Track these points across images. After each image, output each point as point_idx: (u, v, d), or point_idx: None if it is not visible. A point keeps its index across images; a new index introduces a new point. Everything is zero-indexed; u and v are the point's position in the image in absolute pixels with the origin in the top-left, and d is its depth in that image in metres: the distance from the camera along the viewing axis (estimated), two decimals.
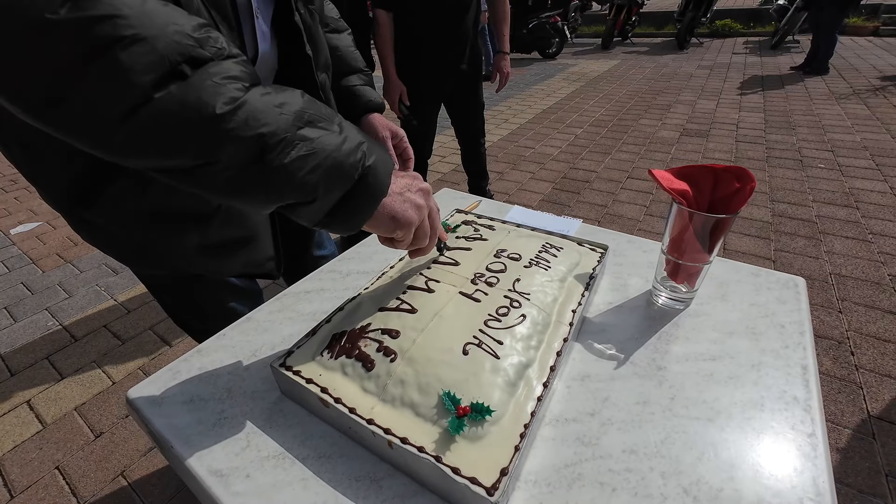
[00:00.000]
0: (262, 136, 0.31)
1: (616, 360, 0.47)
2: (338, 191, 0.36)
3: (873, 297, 1.54)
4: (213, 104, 0.29)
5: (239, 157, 0.31)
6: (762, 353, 0.47)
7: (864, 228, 1.95)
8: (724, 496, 0.34)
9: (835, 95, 3.91)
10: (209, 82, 0.30)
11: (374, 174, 0.37)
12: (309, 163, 0.33)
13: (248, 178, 0.32)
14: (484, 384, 0.38)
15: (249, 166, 0.32)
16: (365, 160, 0.37)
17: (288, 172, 0.33)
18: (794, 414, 0.40)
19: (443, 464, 0.33)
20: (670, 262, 0.52)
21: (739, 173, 0.46)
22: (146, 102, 0.28)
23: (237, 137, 0.30)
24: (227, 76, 0.31)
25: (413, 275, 0.52)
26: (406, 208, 0.41)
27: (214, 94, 0.30)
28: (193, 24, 0.30)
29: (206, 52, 0.30)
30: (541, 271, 0.52)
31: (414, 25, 1.54)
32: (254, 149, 0.31)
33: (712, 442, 0.38)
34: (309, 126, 0.34)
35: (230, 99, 0.30)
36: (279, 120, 0.32)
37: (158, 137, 0.29)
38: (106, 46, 0.26)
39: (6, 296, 1.85)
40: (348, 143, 0.36)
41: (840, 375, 1.25)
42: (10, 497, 1.08)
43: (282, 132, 0.32)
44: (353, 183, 0.36)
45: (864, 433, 1.09)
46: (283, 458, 0.38)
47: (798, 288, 0.56)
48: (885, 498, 0.95)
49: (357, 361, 0.41)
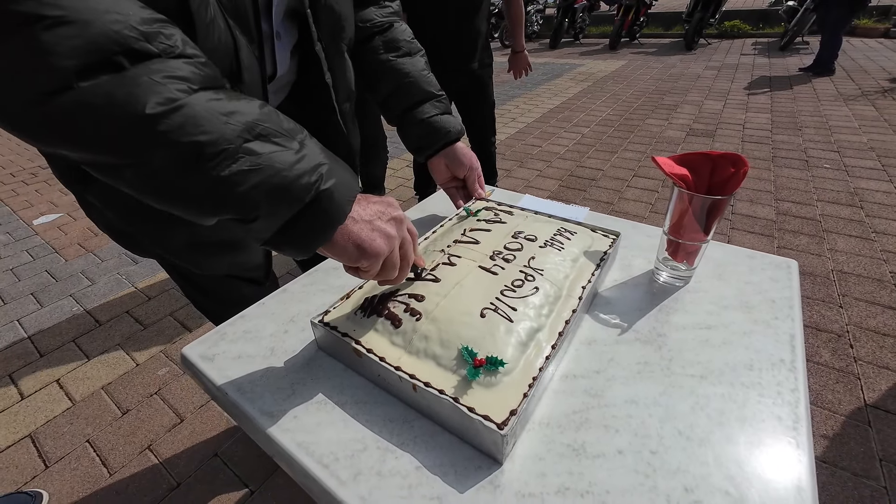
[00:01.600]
0: (198, 144, 0.29)
1: (620, 328, 0.52)
2: (284, 212, 0.34)
3: (874, 293, 1.57)
4: (144, 103, 0.28)
5: (171, 162, 0.29)
6: (754, 322, 0.51)
7: (867, 227, 1.97)
8: (713, 438, 0.39)
9: (843, 97, 3.91)
10: (146, 79, 0.28)
11: (330, 198, 0.35)
12: (251, 178, 0.31)
13: (182, 186, 0.31)
14: (498, 342, 0.43)
15: (184, 174, 0.30)
16: (321, 183, 0.35)
17: (227, 185, 0.31)
18: (780, 372, 0.45)
19: (460, 404, 0.38)
20: (671, 242, 0.56)
21: (734, 159, 0.51)
22: (67, 89, 0.26)
23: (169, 142, 0.29)
24: (171, 75, 0.29)
25: (437, 251, 0.57)
26: (374, 237, 0.39)
27: (148, 92, 0.28)
28: (143, 17, 0.29)
29: (151, 46, 0.29)
30: (554, 251, 0.57)
31: (427, 26, 1.59)
32: (188, 156, 0.29)
33: (705, 394, 0.43)
34: (260, 140, 0.32)
35: (166, 100, 0.28)
36: (223, 129, 0.30)
37: (79, 128, 0.28)
38: (24, 23, 0.25)
39: (32, 283, 1.93)
40: (304, 163, 0.34)
41: (838, 367, 1.29)
42: (46, 467, 1.15)
43: (224, 142, 0.30)
44: (303, 205, 0.34)
45: (859, 421, 1.13)
46: (324, 404, 0.43)
47: (790, 269, 0.61)
48: (878, 480, 0.99)
49: (386, 320, 0.46)
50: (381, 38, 0.69)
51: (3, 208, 2.64)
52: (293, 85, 0.62)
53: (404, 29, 0.72)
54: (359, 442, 0.40)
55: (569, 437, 0.39)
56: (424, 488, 0.36)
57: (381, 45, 0.68)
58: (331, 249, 0.38)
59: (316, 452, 0.39)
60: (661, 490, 0.35)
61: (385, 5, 0.69)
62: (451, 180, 0.74)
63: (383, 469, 0.37)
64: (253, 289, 0.73)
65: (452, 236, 0.61)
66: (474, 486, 0.35)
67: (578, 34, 8.41)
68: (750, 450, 0.37)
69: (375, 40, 0.68)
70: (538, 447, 0.38)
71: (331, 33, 0.57)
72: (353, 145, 0.69)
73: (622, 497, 0.34)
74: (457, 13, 1.60)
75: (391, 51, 0.69)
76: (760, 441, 0.38)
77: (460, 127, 0.72)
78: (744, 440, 0.38)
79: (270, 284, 0.75)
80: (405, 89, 0.69)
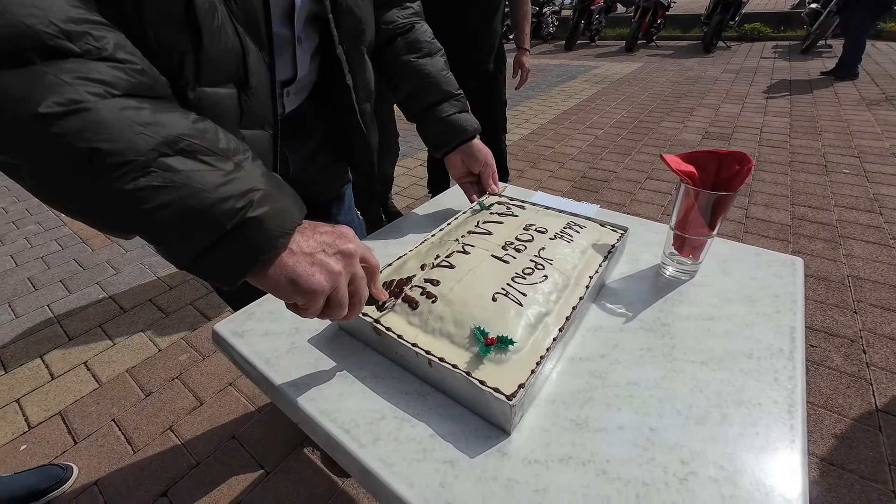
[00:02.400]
0: (97, 152, 0.27)
1: (625, 317, 0.54)
2: (199, 238, 0.31)
3: (890, 300, 1.55)
4: (39, 101, 0.26)
5: (64, 167, 0.27)
6: (756, 315, 0.53)
7: (886, 233, 1.94)
8: (710, 418, 0.41)
9: (865, 101, 3.83)
10: (52, 77, 0.26)
11: (258, 228, 0.32)
12: (160, 196, 0.29)
13: (79, 194, 0.28)
14: (509, 323, 0.46)
15: (80, 181, 0.28)
16: (248, 210, 0.31)
17: (130, 200, 0.28)
18: (778, 361, 0.46)
19: (472, 377, 0.41)
20: (678, 237, 0.59)
21: (740, 157, 0.53)
22: None
23: (62, 144, 0.26)
24: (86, 77, 0.27)
25: (452, 241, 0.60)
26: (312, 272, 0.34)
27: (48, 91, 0.26)
28: (70, 15, 0.28)
29: (72, 45, 0.28)
30: (564, 243, 0.60)
31: (447, 27, 1.63)
32: (82, 163, 0.27)
33: (705, 379, 0.45)
34: (182, 156, 0.30)
35: (68, 100, 0.26)
36: (134, 139, 0.28)
37: None
38: None
39: (61, 270, 2.02)
40: (232, 186, 0.31)
41: (850, 372, 1.28)
42: (74, 443, 1.22)
43: (131, 154, 0.28)
44: (224, 232, 0.31)
45: (870, 425, 1.12)
46: (345, 377, 0.47)
47: (795, 266, 0.62)
48: (887, 484, 0.99)
49: (404, 302, 0.49)
50: (403, 40, 0.71)
51: (34, 200, 2.76)
52: (314, 86, 0.64)
53: (425, 29, 0.74)
54: (377, 412, 0.43)
55: (573, 413, 0.42)
56: (438, 453, 0.39)
57: (402, 46, 0.71)
58: (261, 282, 0.34)
59: (338, 419, 0.42)
60: (658, 461, 0.37)
61: (406, 6, 0.72)
62: (466, 175, 0.77)
63: (400, 435, 0.40)
64: None
65: (466, 227, 0.64)
66: (484, 453, 0.38)
67: (594, 36, 8.36)
68: (745, 429, 0.39)
69: (398, 42, 0.71)
70: (544, 421, 0.41)
71: (351, 36, 0.59)
72: (371, 144, 0.72)
73: (621, 466, 0.37)
74: (476, 16, 1.63)
75: (412, 52, 0.71)
76: (756, 422, 0.40)
77: (477, 125, 0.75)
78: (739, 421, 0.40)
79: None
80: (425, 89, 0.72)
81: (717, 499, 0.34)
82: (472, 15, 1.62)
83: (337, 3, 0.54)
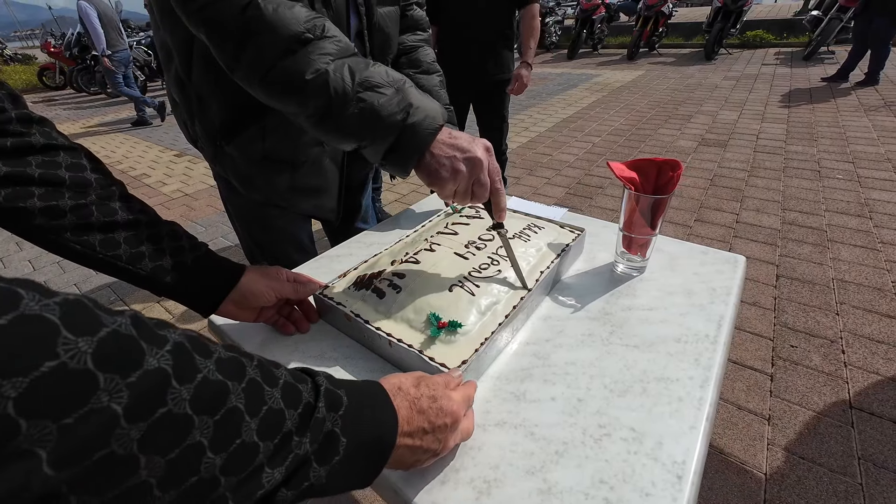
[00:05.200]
0: (329, 98, 0.46)
1: (574, 307, 0.60)
2: (381, 140, 0.46)
3: (873, 302, 1.58)
4: (304, 72, 0.46)
5: (316, 109, 0.47)
6: (691, 306, 0.59)
7: (874, 238, 1.97)
8: (632, 391, 0.47)
9: (864, 107, 3.85)
10: (307, 56, 0.46)
11: (413, 131, 0.46)
12: (361, 118, 0.46)
13: (327, 124, 0.48)
14: (461, 311, 0.52)
15: (324, 117, 0.47)
16: (407, 118, 0.46)
17: (346, 124, 0.46)
18: (702, 345, 0.52)
19: (424, 355, 0.47)
20: (625, 237, 0.65)
21: (673, 164, 0.59)
22: (273, 67, 0.47)
23: (316, 95, 0.46)
24: (321, 52, 0.46)
25: (422, 241, 0.67)
26: (441, 169, 0.48)
27: (307, 66, 0.45)
28: (307, 16, 0.47)
29: (311, 35, 0.46)
30: (521, 242, 0.66)
31: (447, 55, 1.74)
32: (324, 107, 0.46)
33: (634, 359, 0.51)
34: (368, 91, 0.46)
35: (315, 70, 0.45)
36: (345, 87, 0.46)
37: (281, 90, 0.48)
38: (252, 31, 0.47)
39: (76, 275, 2.12)
40: (395, 105, 0.46)
41: (828, 371, 1.32)
42: None
43: (342, 92, 0.46)
44: (398, 133, 0.46)
45: (843, 422, 1.16)
46: (321, 357, 0.54)
47: (737, 263, 0.68)
48: (855, 477, 1.02)
49: (373, 293, 0.56)
50: (407, 58, 0.85)
51: None
52: None
53: (428, 52, 0.87)
54: None
55: (513, 387, 0.48)
56: None
57: (405, 62, 0.85)
58: (420, 173, 0.49)
59: None
60: (579, 425, 0.43)
61: (417, 33, 0.86)
62: None
63: None
64: (300, 255, 0.86)
65: (437, 228, 0.70)
66: None
67: (597, 45, 8.46)
68: (659, 399, 0.45)
69: (402, 59, 0.85)
70: (487, 393, 0.47)
71: (380, 49, 0.73)
72: None
73: (547, 429, 0.43)
74: (479, 45, 1.75)
75: (412, 67, 0.84)
76: (670, 394, 0.46)
77: None
78: (656, 393, 0.46)
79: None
80: None
81: (624, 454, 0.40)
82: (476, 46, 1.77)
83: (372, 21, 0.70)
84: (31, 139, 0.42)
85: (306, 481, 0.25)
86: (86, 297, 0.19)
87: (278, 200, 0.78)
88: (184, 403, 0.19)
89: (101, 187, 0.46)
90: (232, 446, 0.21)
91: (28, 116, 0.43)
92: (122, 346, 0.18)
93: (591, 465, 0.39)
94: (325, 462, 0.26)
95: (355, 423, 0.29)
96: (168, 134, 4.67)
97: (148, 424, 0.18)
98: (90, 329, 0.17)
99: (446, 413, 0.35)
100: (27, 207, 0.41)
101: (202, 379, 0.21)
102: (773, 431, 1.15)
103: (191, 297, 0.51)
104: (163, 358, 0.19)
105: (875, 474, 1.03)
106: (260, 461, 0.23)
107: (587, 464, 0.40)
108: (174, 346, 0.20)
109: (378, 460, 0.31)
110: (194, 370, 0.21)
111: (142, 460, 0.17)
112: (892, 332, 1.44)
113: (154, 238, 0.48)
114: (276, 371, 0.27)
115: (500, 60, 1.84)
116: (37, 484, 0.15)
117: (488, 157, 0.50)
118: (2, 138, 0.40)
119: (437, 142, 0.48)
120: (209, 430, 0.20)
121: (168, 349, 0.20)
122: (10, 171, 0.40)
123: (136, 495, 0.17)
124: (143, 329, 0.20)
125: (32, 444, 0.14)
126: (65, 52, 7.11)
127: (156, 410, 0.18)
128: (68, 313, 0.17)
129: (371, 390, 0.33)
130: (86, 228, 0.44)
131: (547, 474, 0.39)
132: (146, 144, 4.38)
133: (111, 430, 0.17)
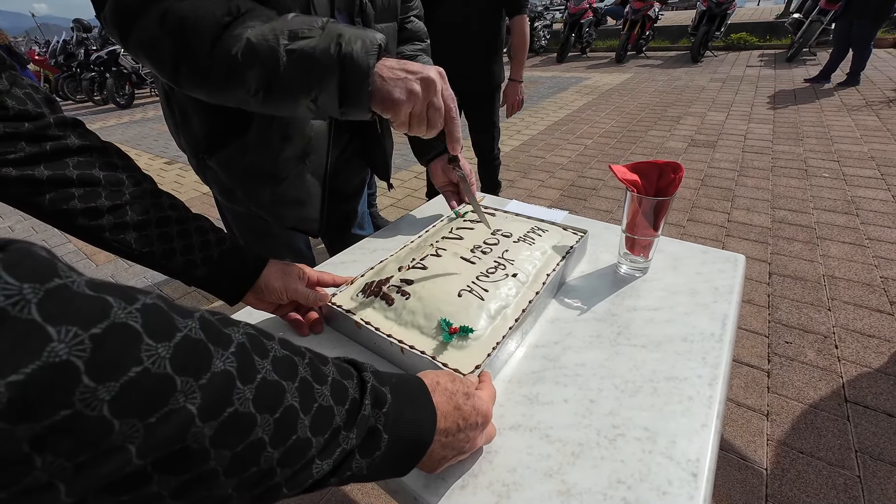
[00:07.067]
0: (262, 64, 0.44)
1: (581, 309, 0.61)
2: (327, 82, 0.45)
3: (863, 297, 1.61)
4: (230, 49, 0.45)
5: (254, 79, 0.45)
6: (696, 305, 0.60)
7: (861, 234, 2.02)
8: (643, 390, 0.47)
9: (847, 107, 3.94)
10: (230, 35, 0.45)
11: (352, 59, 0.44)
12: (297, 68, 0.44)
13: (274, 93, 0.46)
14: (471, 315, 0.52)
15: (269, 86, 0.46)
16: (342, 49, 0.44)
17: (287, 82, 0.44)
18: (708, 343, 0.53)
19: (437, 360, 0.47)
20: (628, 239, 0.66)
21: (675, 166, 0.60)
22: (209, 66, 0.46)
23: (248, 66, 0.45)
24: (243, 25, 0.45)
25: (427, 246, 0.67)
26: (394, 90, 0.46)
27: (232, 42, 0.44)
28: (223, 3, 0.46)
29: (230, 17, 0.45)
30: (526, 246, 0.67)
31: (444, 48, 1.75)
32: (262, 71, 0.45)
33: (642, 359, 0.51)
34: (294, 41, 0.44)
35: (239, 43, 0.44)
36: (270, 45, 0.44)
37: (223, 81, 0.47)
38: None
39: None
40: (325, 42, 0.44)
41: (822, 366, 1.34)
42: None
43: (271, 53, 0.44)
44: (338, 71, 0.44)
45: (839, 416, 1.18)
46: None
47: (737, 262, 0.69)
48: (853, 470, 1.04)
49: (381, 299, 0.56)
50: None
51: None
52: None
53: (426, 61, 0.86)
54: None
55: (526, 390, 0.48)
56: None
57: None
58: (376, 104, 0.47)
59: None
60: (593, 426, 0.44)
61: (416, 44, 0.86)
62: (447, 184, 0.85)
63: None
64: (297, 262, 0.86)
65: (442, 233, 0.71)
66: None
67: (585, 48, 8.57)
68: (670, 398, 0.46)
69: None
70: (500, 397, 0.48)
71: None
72: (386, 148, 0.87)
73: (562, 431, 0.43)
74: (469, 53, 1.76)
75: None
76: (680, 393, 0.47)
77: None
78: (667, 392, 0.47)
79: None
80: None
81: (639, 454, 0.41)
82: (469, 57, 1.77)
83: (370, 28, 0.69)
84: (68, 141, 0.44)
85: (349, 471, 0.28)
86: (160, 299, 0.20)
87: (262, 213, 0.77)
88: (248, 403, 0.21)
89: (134, 185, 0.48)
90: (289, 442, 0.23)
91: (64, 120, 0.45)
92: (195, 350, 0.20)
93: (607, 466, 0.40)
94: (368, 455, 0.28)
95: (398, 420, 0.30)
96: (158, 141, 4.63)
97: (219, 423, 0.20)
98: (167, 334, 0.19)
99: (479, 412, 0.37)
100: (69, 209, 0.44)
101: (261, 380, 0.22)
102: (772, 427, 1.17)
103: (219, 289, 0.54)
104: (227, 360, 0.21)
105: (872, 466, 1.05)
106: (312, 454, 0.25)
107: (603, 464, 0.40)
108: (237, 347, 0.22)
109: (416, 454, 0.32)
110: (254, 371, 0.22)
111: (211, 453, 0.20)
112: (882, 327, 1.47)
113: (183, 234, 0.51)
114: (324, 368, 0.28)
115: (489, 68, 1.86)
116: (128, 469, 0.17)
117: (442, 81, 0.49)
118: (42, 143, 0.42)
119: (384, 66, 0.46)
120: (270, 427, 0.22)
121: (232, 350, 0.22)
122: (51, 175, 0.43)
123: (207, 479, 0.20)
124: (210, 331, 0.21)
125: (124, 440, 0.17)
126: (49, 61, 7.02)
127: (224, 409, 0.20)
128: (149, 320, 0.18)
129: (413, 388, 0.34)
130: (122, 227, 0.47)
131: (565, 476, 0.39)
132: (136, 152, 4.33)
133: (188, 429, 0.19)
